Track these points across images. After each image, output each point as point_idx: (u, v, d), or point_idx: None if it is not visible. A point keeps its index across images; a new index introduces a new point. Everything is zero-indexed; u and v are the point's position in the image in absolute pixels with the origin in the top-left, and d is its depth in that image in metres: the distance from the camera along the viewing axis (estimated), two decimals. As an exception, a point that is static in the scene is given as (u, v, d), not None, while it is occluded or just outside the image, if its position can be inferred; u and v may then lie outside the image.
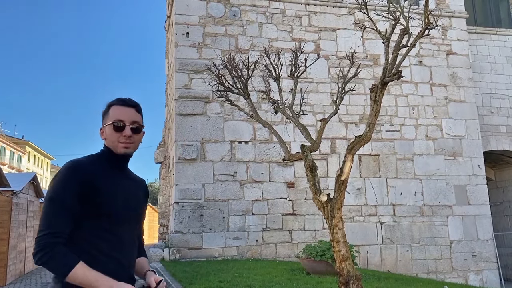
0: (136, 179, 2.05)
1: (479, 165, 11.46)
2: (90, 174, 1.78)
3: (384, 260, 10.36)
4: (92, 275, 1.63)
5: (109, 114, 1.92)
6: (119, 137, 1.87)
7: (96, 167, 1.84)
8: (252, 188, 9.99)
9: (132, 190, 1.94)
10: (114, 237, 1.77)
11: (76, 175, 1.76)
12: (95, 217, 1.74)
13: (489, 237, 11.10)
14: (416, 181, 10.95)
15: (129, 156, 1.94)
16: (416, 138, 11.20)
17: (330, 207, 4.35)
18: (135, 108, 1.95)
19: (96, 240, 1.73)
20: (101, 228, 1.74)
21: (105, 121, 1.93)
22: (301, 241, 9.84)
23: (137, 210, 1.94)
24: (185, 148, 9.82)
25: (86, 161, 1.85)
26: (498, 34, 13.60)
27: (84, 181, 1.74)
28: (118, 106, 1.92)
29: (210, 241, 9.52)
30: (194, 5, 10.57)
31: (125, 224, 1.82)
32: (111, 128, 1.88)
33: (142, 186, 2.05)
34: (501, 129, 12.83)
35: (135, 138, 1.92)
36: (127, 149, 1.89)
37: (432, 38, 11.68)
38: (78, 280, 1.62)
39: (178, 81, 10.14)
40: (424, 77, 11.63)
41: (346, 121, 10.83)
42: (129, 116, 1.90)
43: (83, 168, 1.79)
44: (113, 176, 1.87)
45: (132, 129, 1.90)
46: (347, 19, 11.45)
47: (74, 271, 1.62)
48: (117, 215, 1.79)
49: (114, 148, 1.88)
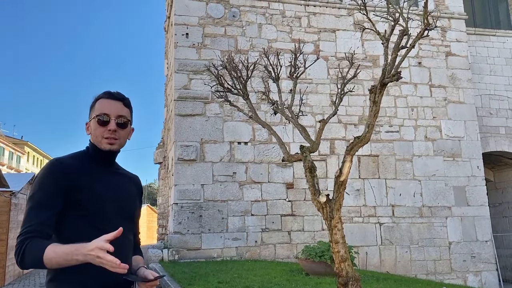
0: (127, 175, 1.97)
1: (478, 166, 11.47)
2: (73, 172, 1.71)
3: (383, 261, 10.36)
4: (62, 250, 1.52)
5: (95, 107, 1.83)
6: (104, 131, 1.79)
7: (81, 164, 1.77)
8: (251, 188, 9.99)
9: (123, 187, 1.86)
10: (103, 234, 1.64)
11: (58, 173, 1.69)
12: (83, 216, 1.67)
13: (488, 238, 11.11)
14: (415, 182, 10.95)
15: (114, 153, 1.85)
16: (415, 139, 11.20)
17: (329, 208, 4.35)
18: (123, 102, 1.85)
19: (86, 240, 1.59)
20: (90, 228, 1.66)
21: (91, 115, 1.84)
22: (300, 242, 9.84)
23: (128, 208, 1.85)
24: (184, 148, 9.82)
25: (70, 159, 1.78)
26: (497, 35, 13.61)
27: (66, 180, 1.68)
28: (104, 100, 1.83)
29: (209, 241, 9.51)
30: (193, 6, 10.57)
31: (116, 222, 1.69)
32: (96, 122, 1.80)
33: (134, 183, 1.97)
34: (500, 130, 12.84)
35: (121, 133, 1.83)
36: (111, 146, 1.80)
37: (431, 39, 11.70)
38: (53, 261, 1.53)
39: (178, 81, 10.14)
40: (423, 78, 11.64)
41: (345, 122, 10.84)
42: (116, 110, 1.82)
43: (65, 166, 1.72)
44: (99, 173, 1.79)
45: (118, 124, 1.81)
46: (347, 20, 11.46)
47: (46, 255, 1.52)
48: (106, 214, 1.71)
49: (98, 143, 1.80)
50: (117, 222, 1.69)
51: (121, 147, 1.86)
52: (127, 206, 1.84)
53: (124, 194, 1.84)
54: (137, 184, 2.00)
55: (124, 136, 1.86)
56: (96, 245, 1.47)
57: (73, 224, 1.67)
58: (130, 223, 1.85)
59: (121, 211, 1.78)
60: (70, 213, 1.67)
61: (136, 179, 2.02)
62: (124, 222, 1.74)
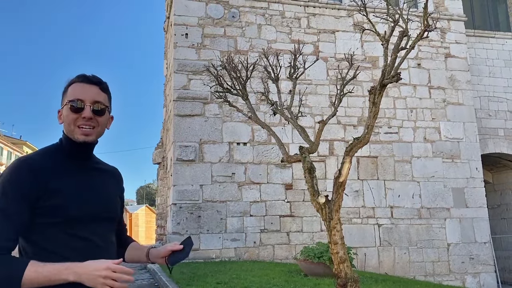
0: (106, 169, 1.76)
1: (477, 168, 11.47)
2: (43, 173, 1.49)
3: (382, 262, 10.36)
4: (47, 270, 1.36)
5: (67, 92, 1.61)
6: (77, 119, 1.56)
7: (52, 163, 1.55)
8: (250, 189, 9.98)
9: (101, 185, 1.65)
10: (83, 242, 1.50)
11: (25, 176, 1.47)
12: (57, 223, 1.47)
13: (487, 240, 11.11)
14: (414, 183, 10.95)
15: (91, 144, 1.62)
16: (414, 140, 11.21)
17: (328, 209, 4.34)
18: (100, 86, 1.62)
19: (62, 249, 1.47)
20: (66, 235, 1.48)
21: (63, 101, 1.61)
22: (299, 243, 9.83)
23: (108, 208, 1.65)
24: (183, 149, 9.81)
25: (39, 157, 1.56)
26: (496, 37, 13.63)
27: (35, 183, 1.46)
28: (78, 84, 1.60)
29: (208, 242, 9.50)
30: (193, 6, 10.56)
31: (95, 224, 1.55)
32: (68, 108, 1.57)
33: (114, 176, 1.78)
34: (499, 132, 12.86)
35: (98, 120, 1.59)
36: (87, 137, 1.57)
37: (430, 41, 11.71)
38: (34, 283, 1.36)
39: (177, 82, 10.13)
40: (422, 79, 11.65)
41: (344, 123, 10.84)
42: (91, 95, 1.58)
43: (34, 166, 1.49)
44: (73, 172, 1.57)
45: (94, 110, 1.58)
46: (346, 21, 11.47)
47: (26, 276, 1.34)
48: (82, 218, 1.51)
49: (71, 134, 1.58)
50: (96, 226, 1.56)
51: (98, 137, 1.64)
52: (107, 207, 1.64)
53: (102, 193, 1.63)
54: (117, 178, 1.80)
55: (102, 124, 1.62)
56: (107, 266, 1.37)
57: (47, 233, 1.47)
58: (111, 225, 1.67)
59: (101, 214, 1.60)
60: (42, 221, 1.46)
61: (116, 172, 1.81)
62: (104, 225, 1.61)
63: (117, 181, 1.80)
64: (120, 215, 1.80)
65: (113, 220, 1.69)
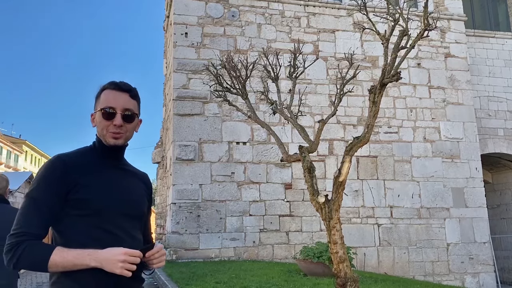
0: (136, 172, 1.88)
1: (477, 168, 11.47)
2: (74, 169, 1.63)
3: (381, 262, 10.35)
4: (71, 255, 1.51)
5: (100, 99, 1.74)
6: (109, 125, 1.69)
7: (84, 160, 1.69)
8: (250, 189, 9.97)
9: (129, 184, 1.77)
10: (107, 234, 1.60)
11: (58, 171, 1.62)
12: (84, 216, 1.60)
13: (486, 240, 11.11)
14: (413, 183, 10.95)
15: (121, 147, 1.76)
16: (414, 140, 11.20)
17: (327, 209, 4.33)
18: (129, 93, 1.74)
19: (87, 240, 1.58)
20: (92, 227, 1.60)
21: (96, 107, 1.75)
22: (298, 243, 9.82)
23: (135, 206, 1.75)
24: (183, 148, 9.80)
25: (73, 155, 1.71)
26: (496, 37, 13.62)
27: (67, 178, 1.60)
28: (110, 91, 1.73)
29: (207, 242, 9.49)
30: (193, 5, 10.55)
31: (120, 221, 1.65)
32: (101, 115, 1.70)
33: (143, 181, 1.88)
34: (499, 132, 12.85)
35: (127, 127, 1.72)
36: (117, 140, 1.71)
37: (430, 41, 11.70)
38: (60, 266, 1.51)
39: (176, 81, 10.12)
40: (422, 79, 11.64)
41: (344, 123, 10.83)
42: (122, 103, 1.71)
43: (67, 163, 1.64)
44: (104, 170, 1.71)
45: (124, 117, 1.71)
46: (346, 21, 11.45)
47: (52, 260, 1.50)
48: (109, 213, 1.63)
49: (103, 137, 1.72)
50: (121, 221, 1.66)
51: (127, 141, 1.77)
52: (133, 205, 1.74)
53: (129, 192, 1.75)
54: (146, 182, 1.91)
55: (131, 129, 1.76)
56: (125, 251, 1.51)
57: (74, 224, 1.60)
58: (136, 222, 1.75)
59: (126, 210, 1.70)
60: (71, 213, 1.60)
61: (145, 177, 1.93)
62: (129, 221, 1.70)
63: (145, 185, 1.90)
64: (147, 217, 1.89)
65: (138, 218, 1.77)
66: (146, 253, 1.62)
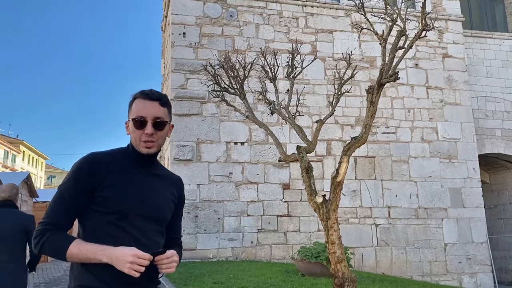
0: (168, 176, 1.94)
1: (474, 168, 11.49)
2: (103, 168, 1.72)
3: (379, 262, 10.36)
4: (87, 249, 1.62)
5: (132, 108, 1.81)
6: (141, 135, 1.76)
7: (115, 161, 1.77)
8: (248, 189, 9.96)
9: (157, 188, 1.82)
10: (124, 234, 1.68)
11: (85, 168, 1.72)
12: (105, 213, 1.68)
13: (484, 240, 11.13)
14: (411, 183, 10.96)
15: (153, 155, 1.82)
16: (411, 140, 11.21)
17: (325, 209, 4.33)
18: (159, 102, 1.80)
19: (105, 237, 1.66)
20: (110, 225, 1.68)
21: (129, 116, 1.82)
22: (296, 243, 9.82)
23: (159, 210, 1.80)
24: (181, 148, 9.78)
25: (104, 154, 1.80)
26: (494, 37, 13.65)
27: (93, 175, 1.70)
28: (140, 100, 1.80)
29: (205, 242, 9.48)
30: (190, 5, 10.54)
31: (139, 222, 1.71)
32: (132, 124, 1.78)
33: (175, 185, 1.94)
34: (496, 132, 12.88)
35: (159, 135, 1.79)
36: (149, 149, 1.78)
37: (428, 41, 11.72)
38: (76, 257, 1.63)
39: (174, 81, 10.11)
40: (420, 79, 11.66)
41: (342, 123, 10.83)
42: (152, 111, 1.77)
43: (95, 161, 1.74)
44: (133, 173, 1.78)
45: (155, 125, 1.77)
46: (344, 21, 11.46)
47: (69, 250, 1.62)
48: (128, 213, 1.70)
49: (137, 146, 1.79)
50: (140, 222, 1.72)
51: (159, 148, 1.84)
52: (155, 208, 1.79)
53: (154, 195, 1.80)
54: (178, 186, 1.96)
55: (162, 136, 1.82)
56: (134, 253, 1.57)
57: (95, 220, 1.70)
58: (156, 225, 1.79)
59: (146, 212, 1.75)
60: (94, 209, 1.70)
61: (178, 181, 1.98)
62: (148, 223, 1.75)
63: (177, 189, 1.95)
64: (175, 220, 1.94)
65: (159, 221, 1.81)
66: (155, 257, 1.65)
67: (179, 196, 1.96)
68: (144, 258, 1.58)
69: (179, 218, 2.01)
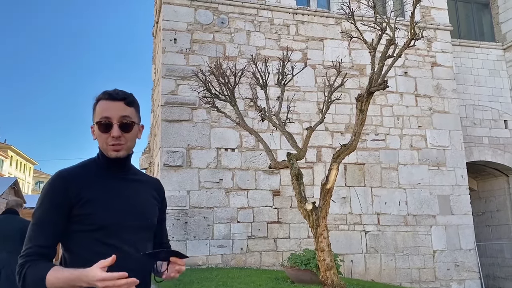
0: (145, 180, 1.84)
1: (462, 175, 11.60)
2: (75, 184, 1.60)
3: (368, 269, 10.38)
4: (64, 275, 1.47)
5: (95, 110, 1.69)
6: (107, 138, 1.64)
7: (87, 174, 1.65)
8: (238, 195, 9.94)
9: (137, 195, 1.72)
10: (113, 250, 1.52)
11: (58, 187, 1.59)
12: (89, 231, 1.56)
13: (472, 247, 11.22)
14: (400, 190, 11.03)
15: (124, 158, 1.70)
16: (400, 148, 11.30)
17: (315, 216, 4.34)
18: (124, 101, 1.68)
19: (93, 256, 1.51)
20: (96, 242, 1.56)
21: (94, 119, 1.69)
22: (286, 250, 9.81)
23: (142, 216, 1.70)
24: (171, 154, 9.74)
25: (75, 169, 1.68)
26: (481, 47, 13.86)
27: (67, 194, 1.58)
28: (104, 101, 1.67)
29: (194, 249, 9.42)
30: (182, 11, 10.55)
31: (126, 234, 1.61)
32: (98, 128, 1.66)
33: (154, 187, 1.84)
34: (484, 140, 13.03)
35: (127, 137, 1.67)
36: (118, 152, 1.66)
37: (417, 50, 11.85)
38: (55, 286, 1.47)
39: (165, 87, 10.08)
40: (409, 87, 11.77)
41: (332, 130, 10.88)
42: (117, 112, 1.64)
43: (67, 178, 1.62)
44: (108, 182, 1.66)
45: (122, 126, 1.65)
46: (334, 29, 11.55)
47: (47, 280, 1.47)
48: (113, 227, 1.59)
49: (105, 150, 1.67)
50: (127, 234, 1.62)
51: (129, 151, 1.72)
52: (140, 216, 1.69)
53: (137, 202, 1.70)
54: (157, 189, 1.86)
55: (131, 138, 1.70)
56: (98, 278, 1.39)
57: (80, 240, 1.57)
58: (144, 233, 1.70)
59: (132, 221, 1.65)
60: (75, 228, 1.58)
61: (157, 184, 1.89)
62: (136, 233, 1.66)
63: (157, 192, 1.85)
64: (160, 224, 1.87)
65: (146, 229, 1.72)
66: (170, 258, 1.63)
67: (161, 199, 1.87)
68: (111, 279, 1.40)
69: (164, 222, 1.93)
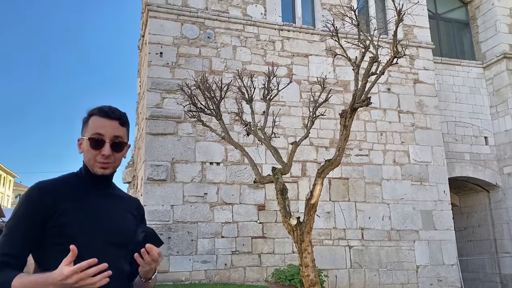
0: (126, 197, 1.82)
1: (445, 191, 11.75)
2: (53, 196, 1.57)
3: (352, 284, 10.37)
4: (29, 280, 1.42)
5: (88, 125, 1.67)
6: (97, 155, 1.63)
7: (67, 187, 1.63)
8: (222, 210, 9.88)
9: (116, 211, 1.69)
10: None
11: (34, 199, 1.57)
12: (62, 244, 1.50)
13: (454, 262, 11.32)
14: (384, 205, 11.11)
15: (108, 176, 1.70)
16: (384, 163, 11.42)
17: (299, 231, 4.34)
18: (119, 121, 1.68)
19: None
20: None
21: (84, 133, 1.67)
22: (270, 265, 9.75)
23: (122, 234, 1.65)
24: (155, 168, 9.66)
25: (54, 181, 1.65)
26: (462, 65, 14.19)
27: (43, 205, 1.55)
28: (98, 118, 1.66)
29: (178, 264, 9.30)
30: (168, 25, 10.59)
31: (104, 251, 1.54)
32: (88, 143, 1.64)
33: (134, 206, 1.82)
34: (465, 156, 13.25)
35: (116, 156, 1.66)
36: (104, 170, 1.65)
37: (400, 67, 12.08)
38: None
39: (150, 100, 10.05)
40: (392, 104, 11.96)
41: (316, 145, 10.96)
42: (111, 131, 1.64)
43: (47, 189, 1.59)
44: (89, 197, 1.63)
45: (114, 146, 1.64)
46: (319, 46, 11.72)
47: (13, 286, 1.42)
48: (89, 241, 1.54)
49: (91, 166, 1.65)
50: (106, 251, 1.56)
51: (115, 170, 1.71)
52: (120, 233, 1.65)
53: (117, 219, 1.67)
54: (138, 207, 1.85)
55: (120, 158, 1.71)
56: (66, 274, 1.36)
57: (54, 255, 1.51)
58: (123, 251, 1.65)
59: (112, 238, 1.61)
60: (50, 242, 1.54)
61: (136, 202, 1.88)
62: (115, 251, 1.61)
63: (137, 209, 1.82)
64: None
65: (124, 246, 1.66)
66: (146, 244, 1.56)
67: (141, 217, 1.83)
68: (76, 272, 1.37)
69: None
